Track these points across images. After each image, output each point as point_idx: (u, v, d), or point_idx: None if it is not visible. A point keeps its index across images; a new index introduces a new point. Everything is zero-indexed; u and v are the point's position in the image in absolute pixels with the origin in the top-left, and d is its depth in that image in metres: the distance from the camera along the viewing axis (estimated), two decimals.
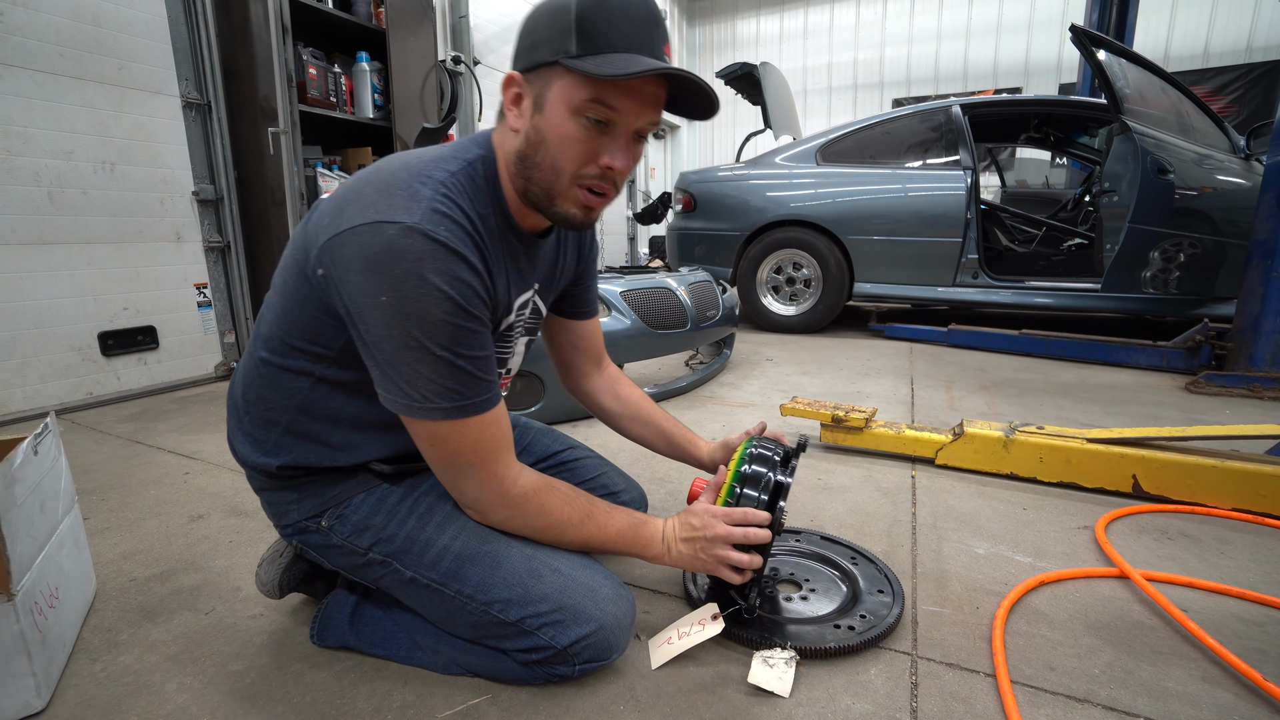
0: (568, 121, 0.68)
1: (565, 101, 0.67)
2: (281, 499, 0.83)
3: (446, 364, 0.67)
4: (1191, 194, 2.80)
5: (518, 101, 0.71)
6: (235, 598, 1.06)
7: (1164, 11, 6.35)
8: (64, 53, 2.17)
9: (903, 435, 1.65)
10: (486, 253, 0.71)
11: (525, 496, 0.77)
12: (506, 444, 0.75)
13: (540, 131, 0.69)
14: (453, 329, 0.66)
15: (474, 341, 0.69)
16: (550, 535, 0.80)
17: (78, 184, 2.24)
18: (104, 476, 1.62)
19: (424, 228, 0.64)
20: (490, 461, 0.74)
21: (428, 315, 0.64)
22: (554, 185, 0.71)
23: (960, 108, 3.41)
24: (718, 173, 3.93)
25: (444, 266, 0.64)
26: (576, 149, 0.69)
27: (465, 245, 0.67)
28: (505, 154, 0.75)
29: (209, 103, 2.60)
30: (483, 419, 0.71)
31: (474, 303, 0.68)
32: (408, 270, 0.63)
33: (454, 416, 0.69)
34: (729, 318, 2.61)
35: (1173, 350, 2.67)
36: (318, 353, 0.76)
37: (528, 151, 0.71)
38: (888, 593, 1.01)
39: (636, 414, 1.08)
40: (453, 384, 0.68)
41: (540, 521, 0.78)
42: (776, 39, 8.19)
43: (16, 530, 0.78)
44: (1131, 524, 1.30)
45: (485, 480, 0.74)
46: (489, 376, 0.72)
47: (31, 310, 2.14)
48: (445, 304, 0.65)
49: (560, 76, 0.67)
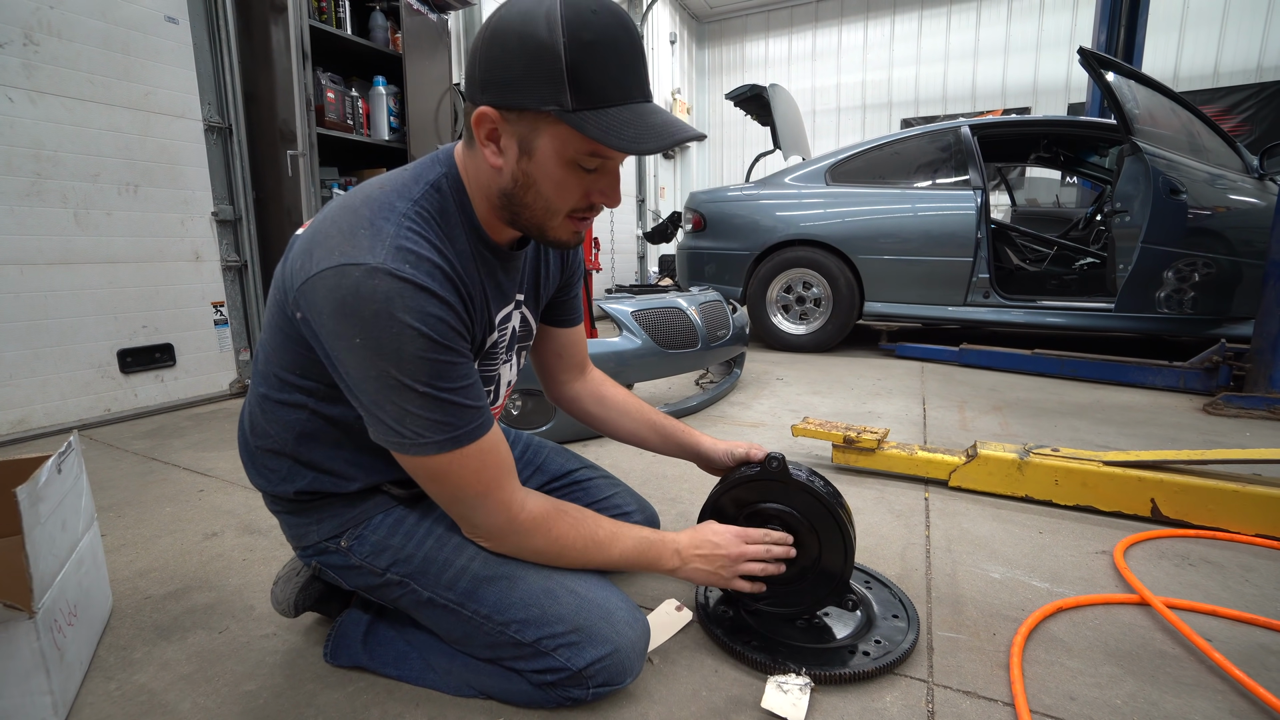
0: (561, 169, 0.67)
1: (560, 152, 0.66)
2: (301, 522, 0.83)
3: (430, 399, 0.66)
4: (1205, 214, 2.79)
5: (494, 138, 0.68)
6: (249, 616, 1.06)
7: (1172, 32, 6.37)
8: (94, 80, 2.24)
9: (915, 457, 1.63)
10: (458, 279, 0.70)
11: (534, 522, 0.77)
12: (508, 469, 0.75)
13: (530, 176, 0.68)
14: (431, 364, 0.65)
15: (454, 373, 0.68)
16: (561, 559, 0.80)
17: (103, 205, 2.29)
18: (121, 493, 1.64)
19: (389, 267, 0.63)
20: (495, 489, 0.73)
21: (403, 354, 0.64)
22: (547, 222, 0.72)
23: (969, 128, 3.43)
24: (727, 193, 3.97)
25: (413, 304, 0.63)
26: (572, 192, 0.70)
27: (433, 279, 0.66)
28: (478, 179, 0.73)
29: (230, 126, 2.67)
30: (479, 446, 0.70)
31: (449, 336, 0.67)
32: (377, 311, 0.62)
33: (448, 449, 0.68)
34: (739, 337, 2.62)
35: (1190, 371, 2.64)
36: (310, 387, 0.76)
37: (516, 192, 0.70)
38: (902, 618, 1.00)
39: (624, 411, 1.06)
40: (440, 417, 0.67)
41: (551, 547, 0.78)
42: (785, 60, 8.29)
43: (40, 548, 0.79)
44: (1151, 549, 1.28)
45: (493, 509, 0.74)
46: (477, 403, 0.70)
47: (55, 328, 2.18)
48: (419, 340, 0.64)
49: (552, 125, 0.65)
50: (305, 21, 2.58)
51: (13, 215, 2.06)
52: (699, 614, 1.03)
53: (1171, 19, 6.33)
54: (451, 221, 0.73)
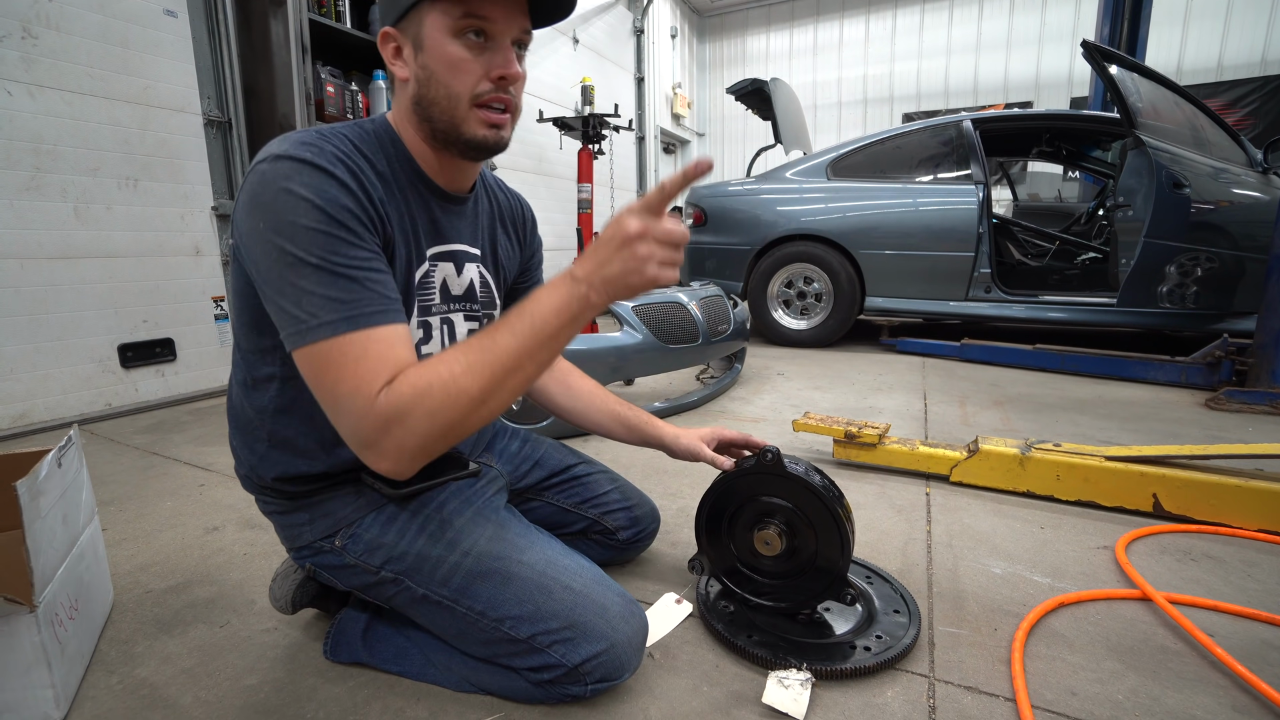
0: (449, 46, 0.70)
1: (441, 28, 0.70)
2: (295, 521, 0.83)
3: (326, 272, 0.63)
4: (1208, 208, 2.78)
5: (398, 54, 0.74)
6: (249, 611, 1.06)
7: (1176, 25, 6.34)
8: (93, 73, 2.23)
9: (917, 452, 1.63)
10: (360, 173, 0.69)
11: (394, 399, 0.62)
12: (394, 367, 0.64)
13: (428, 68, 0.72)
14: (325, 236, 0.63)
15: (352, 252, 0.65)
16: (456, 406, 0.63)
17: (102, 199, 2.29)
18: (121, 487, 1.64)
19: (290, 153, 0.66)
20: (368, 387, 0.62)
21: (297, 225, 0.63)
22: (455, 112, 0.73)
23: (971, 122, 3.42)
24: (728, 188, 3.96)
25: (308, 180, 0.64)
26: (466, 68, 0.71)
27: (331, 163, 0.66)
28: (402, 111, 0.77)
29: (229, 120, 2.66)
30: (373, 333, 0.63)
31: (343, 214, 0.65)
32: (276, 190, 0.64)
33: (341, 330, 0.62)
34: (740, 332, 2.61)
35: (1192, 366, 2.63)
36: (272, 344, 0.74)
37: (422, 91, 0.73)
38: (904, 613, 1.00)
39: (590, 402, 1.05)
40: (336, 292, 0.63)
41: (429, 400, 0.62)
42: (786, 54, 8.25)
43: (40, 542, 0.79)
44: (1153, 544, 1.28)
45: (362, 408, 0.62)
46: (383, 292, 0.66)
47: (56, 323, 2.18)
48: (313, 211, 0.63)
49: (429, 10, 0.70)
50: (305, 15, 2.56)
51: (12, 209, 2.05)
52: (699, 607, 1.03)
53: (1175, 12, 6.30)
54: (373, 145, 0.75)
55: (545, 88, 5.03)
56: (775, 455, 0.93)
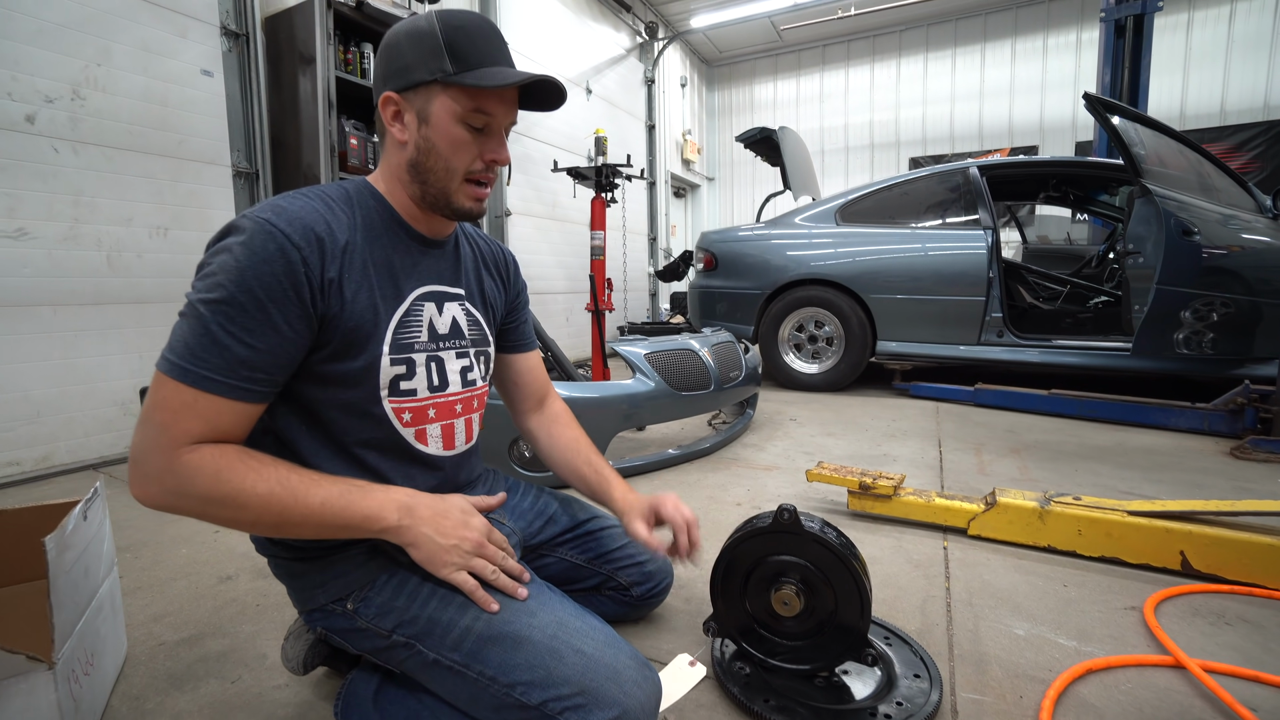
0: (455, 128, 0.79)
1: (449, 112, 0.78)
2: (308, 583, 0.83)
3: (201, 325, 0.66)
4: (1220, 253, 2.78)
5: (399, 118, 0.81)
6: (261, 666, 1.05)
7: (1176, 73, 6.47)
8: (132, 130, 2.35)
9: (933, 504, 1.61)
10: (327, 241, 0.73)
11: (199, 463, 0.67)
12: (208, 435, 0.68)
13: (430, 140, 0.79)
14: (227, 299, 0.66)
15: (244, 321, 0.67)
16: (241, 509, 0.68)
17: (134, 248, 2.38)
18: (138, 533, 1.65)
19: (253, 214, 0.70)
20: (176, 430, 0.66)
21: (213, 278, 0.67)
22: (449, 184, 0.81)
23: (978, 169, 3.48)
24: (738, 232, 4.02)
25: (253, 244, 0.68)
26: (466, 150, 0.80)
27: (290, 228, 0.70)
28: (392, 169, 0.84)
29: (257, 171, 2.78)
30: (202, 394, 0.66)
31: (271, 287, 0.68)
32: (221, 246, 0.69)
33: (174, 376, 0.66)
34: (752, 378, 2.62)
35: (1214, 413, 2.59)
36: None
37: (420, 159, 0.81)
38: (924, 677, 0.97)
39: (564, 454, 1.08)
40: (193, 343, 0.66)
41: (217, 490, 0.67)
42: (794, 101, 8.49)
43: (63, 597, 0.80)
44: (1183, 605, 1.24)
45: (162, 444, 0.66)
46: (241, 368, 0.68)
47: (82, 367, 2.24)
48: (233, 273, 0.67)
49: (441, 92, 0.78)
50: (332, 73, 2.70)
51: (50, 258, 2.14)
52: (714, 669, 1.01)
53: (1175, 60, 6.43)
54: (352, 202, 0.81)
55: (559, 136, 5.20)
56: (792, 514, 0.93)
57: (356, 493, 0.74)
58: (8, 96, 2.03)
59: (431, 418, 0.87)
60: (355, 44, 2.93)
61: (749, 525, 0.98)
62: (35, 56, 2.08)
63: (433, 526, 0.77)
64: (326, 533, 0.74)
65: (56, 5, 2.13)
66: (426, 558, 0.77)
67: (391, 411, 0.82)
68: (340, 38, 2.81)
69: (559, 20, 5.30)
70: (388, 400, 0.81)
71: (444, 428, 0.89)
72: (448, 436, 0.90)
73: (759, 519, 0.98)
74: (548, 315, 5.07)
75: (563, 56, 5.33)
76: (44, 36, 2.10)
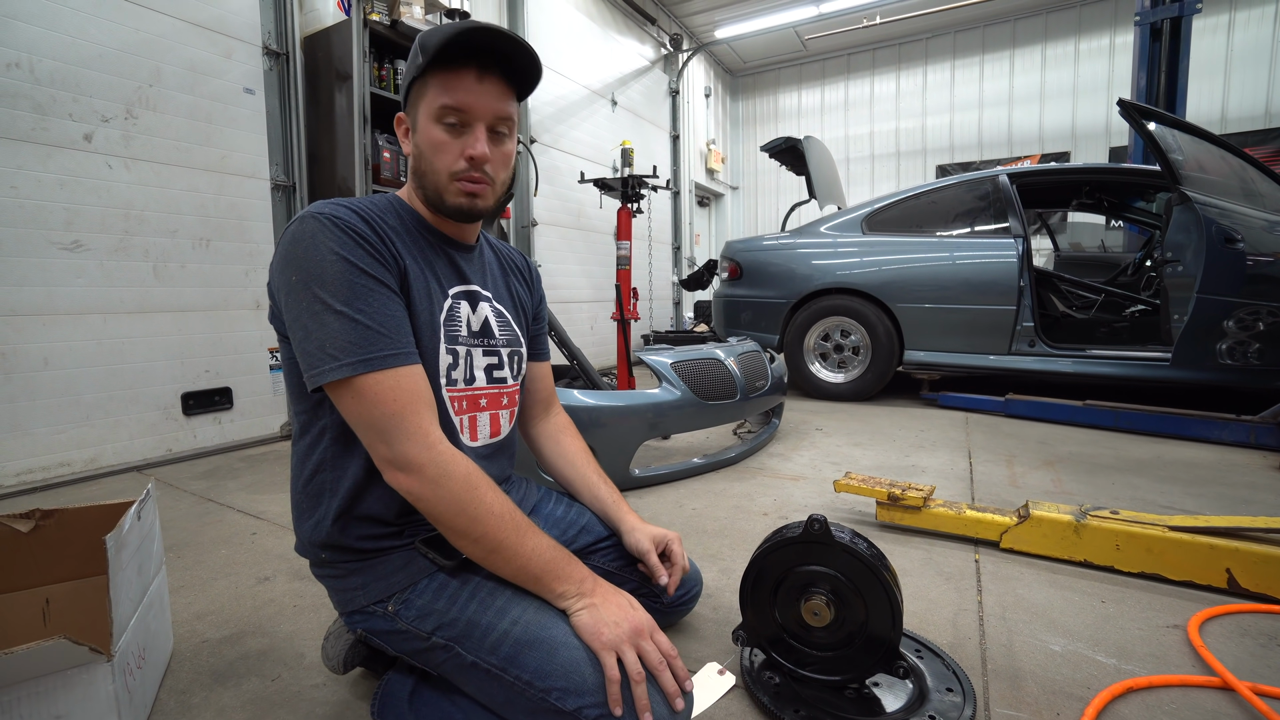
0: (432, 129, 0.83)
1: (427, 114, 0.83)
2: (350, 585, 0.86)
3: (347, 319, 0.75)
4: (1266, 260, 2.69)
5: (406, 134, 0.88)
6: (299, 665, 1.08)
7: (1217, 75, 6.29)
8: (179, 146, 2.45)
9: (964, 516, 1.58)
10: (383, 229, 0.82)
11: (454, 459, 0.77)
12: (427, 403, 0.78)
13: (419, 146, 0.85)
14: (350, 285, 0.75)
15: (373, 299, 0.77)
16: (475, 523, 0.77)
17: (178, 259, 2.48)
18: (180, 533, 1.71)
19: (314, 212, 0.78)
20: (410, 411, 0.76)
21: (325, 275, 0.75)
22: (438, 184, 0.86)
23: (1007, 177, 3.42)
24: (763, 241, 4.02)
25: (335, 236, 0.76)
26: (446, 150, 0.84)
27: (354, 219, 0.79)
28: (409, 180, 0.91)
29: (294, 184, 2.87)
30: (394, 374, 0.76)
31: (367, 261, 0.78)
32: (307, 245, 0.76)
33: (360, 371, 0.74)
34: (778, 387, 2.61)
35: (1261, 425, 2.50)
36: (320, 398, 0.83)
37: (417, 165, 0.87)
38: (957, 692, 0.96)
39: (571, 466, 1.12)
40: (355, 338, 0.74)
41: (470, 499, 0.76)
42: (819, 110, 8.46)
43: (120, 593, 0.84)
44: (1230, 625, 1.20)
45: (410, 431, 0.75)
46: (394, 336, 0.78)
47: (129, 373, 2.33)
48: (340, 264, 0.76)
49: (419, 95, 0.83)
50: (367, 89, 2.79)
51: (102, 269, 2.24)
52: (743, 679, 1.01)
53: (1215, 62, 6.25)
54: (388, 210, 0.87)
55: (585, 147, 5.26)
56: (823, 524, 0.93)
57: (561, 556, 0.81)
58: (69, 117, 2.14)
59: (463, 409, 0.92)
60: (389, 60, 3.02)
61: (779, 535, 0.98)
62: (94, 79, 2.19)
63: (603, 607, 0.79)
64: (510, 570, 0.80)
65: (115, 31, 2.24)
66: (587, 623, 0.77)
67: (449, 399, 0.88)
68: (375, 55, 2.90)
69: (584, 33, 5.38)
70: (445, 389, 0.87)
71: (469, 420, 0.92)
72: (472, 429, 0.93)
73: (789, 529, 0.98)
74: (573, 324, 5.11)
75: (588, 69, 5.41)
76: (103, 60, 2.22)
